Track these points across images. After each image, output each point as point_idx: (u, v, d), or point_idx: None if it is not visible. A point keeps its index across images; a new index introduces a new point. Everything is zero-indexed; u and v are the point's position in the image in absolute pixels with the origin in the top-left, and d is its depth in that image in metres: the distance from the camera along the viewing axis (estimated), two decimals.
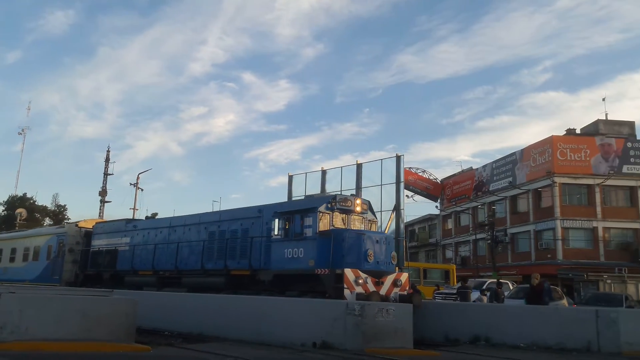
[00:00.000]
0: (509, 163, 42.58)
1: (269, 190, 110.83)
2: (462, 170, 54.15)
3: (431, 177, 55.09)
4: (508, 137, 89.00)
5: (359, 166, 17.80)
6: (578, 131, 41.50)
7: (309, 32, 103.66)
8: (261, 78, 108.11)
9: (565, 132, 41.16)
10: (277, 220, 15.55)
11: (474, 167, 51.74)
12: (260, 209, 17.25)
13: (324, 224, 14.70)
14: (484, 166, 47.78)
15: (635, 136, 40.03)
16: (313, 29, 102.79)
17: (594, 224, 35.25)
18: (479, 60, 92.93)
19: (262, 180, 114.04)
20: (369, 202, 16.34)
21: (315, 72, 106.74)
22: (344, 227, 15.05)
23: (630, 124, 41.78)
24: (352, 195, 15.70)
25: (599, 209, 36.51)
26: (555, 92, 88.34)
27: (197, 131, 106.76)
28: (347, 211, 15.31)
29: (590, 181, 36.67)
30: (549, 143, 37.75)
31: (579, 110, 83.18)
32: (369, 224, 16.03)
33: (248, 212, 17.75)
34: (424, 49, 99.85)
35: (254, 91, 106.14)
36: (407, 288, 15.18)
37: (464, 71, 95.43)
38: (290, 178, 20.27)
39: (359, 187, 17.28)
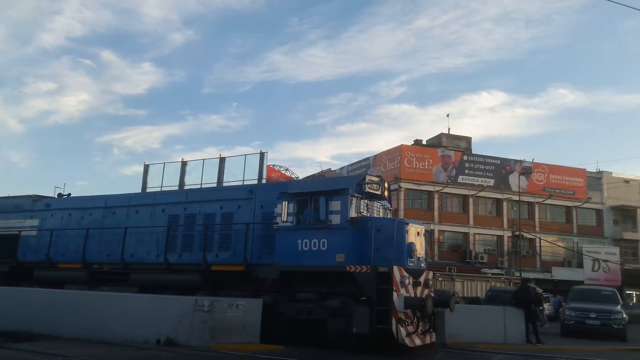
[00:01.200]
0: (363, 167, 44.06)
1: (122, 179, 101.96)
2: (322, 171, 54.21)
3: (293, 176, 53.53)
4: (365, 143, 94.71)
5: (222, 160, 15.79)
6: (424, 142, 44.84)
7: (178, 17, 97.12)
8: (123, 58, 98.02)
9: (413, 142, 44.12)
10: (286, 203, 12.27)
11: (332, 169, 52.51)
12: (251, 189, 13.76)
13: (352, 211, 11.81)
14: (341, 168, 49.14)
15: (471, 150, 43.95)
16: (183, 14, 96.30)
17: (432, 226, 37.88)
18: (344, 67, 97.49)
19: (114, 168, 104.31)
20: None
21: (183, 59, 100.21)
22: (367, 215, 12.31)
23: (468, 139, 45.95)
24: (379, 177, 12.95)
25: (436, 213, 39.60)
26: (407, 105, 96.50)
27: (42, 108, 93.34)
28: (373, 196, 12.58)
29: (430, 188, 39.74)
30: (399, 151, 40.07)
31: (427, 124, 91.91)
32: (388, 214, 13.46)
33: (232, 192, 14.15)
34: (295, 50, 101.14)
35: (114, 71, 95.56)
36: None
37: (330, 76, 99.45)
38: (146, 167, 17.02)
39: (220, 181, 15.35)
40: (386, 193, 12.88)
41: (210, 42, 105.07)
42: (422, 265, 12.12)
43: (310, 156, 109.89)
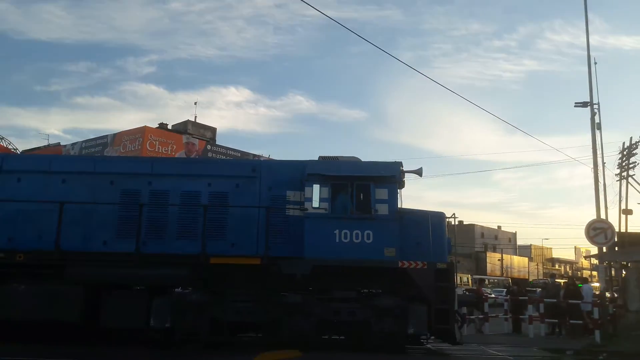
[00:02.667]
0: (100, 145, 40.85)
1: None
2: (49, 145, 47.98)
3: (11, 147, 46.59)
4: (106, 120, 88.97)
5: None
6: (170, 127, 44.48)
7: None
8: None
9: (158, 126, 43.16)
10: (318, 186, 10.52)
11: (62, 144, 47.13)
12: (254, 167, 11.37)
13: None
14: (74, 144, 44.37)
15: (215, 140, 45.46)
16: None
17: None
18: (87, 34, 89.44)
19: None
20: None
21: None
22: None
23: (213, 130, 47.38)
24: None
25: None
26: (156, 87, 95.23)
27: None
28: (401, 185, 11.73)
29: None
30: (141, 133, 38.50)
31: (175, 109, 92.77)
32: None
33: (226, 167, 11.61)
34: (28, 1, 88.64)
35: None
36: None
37: (69, 40, 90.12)
38: None
39: None
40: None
41: None
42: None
43: (36, 126, 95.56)
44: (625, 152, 24.12)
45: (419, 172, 11.34)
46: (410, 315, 10.15)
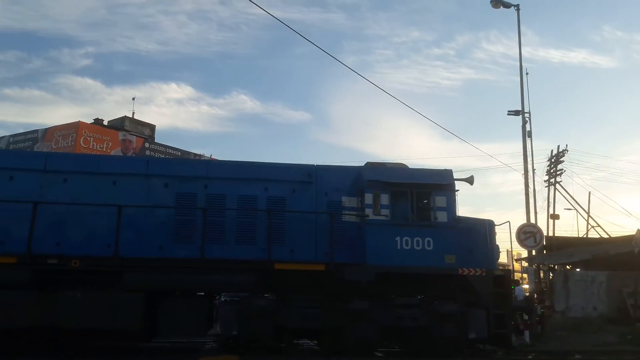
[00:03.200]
0: (30, 140, 39.41)
1: None
2: None
3: None
4: (37, 113, 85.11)
5: None
6: (106, 123, 42.64)
7: None
8: None
9: (93, 121, 41.43)
10: (378, 193, 10.64)
11: None
12: (309, 172, 11.30)
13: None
14: (1, 138, 42.19)
15: (154, 138, 43.69)
16: None
17: None
18: (16, 21, 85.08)
19: None
20: None
21: None
22: None
23: (152, 127, 45.44)
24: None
25: None
26: (92, 80, 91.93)
27: None
28: None
29: None
30: (75, 128, 37.05)
31: (111, 104, 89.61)
32: None
33: (283, 172, 11.31)
34: None
35: None
36: None
37: None
38: None
39: None
40: None
41: None
42: None
43: None
44: (553, 160, 25.78)
45: (470, 180, 11.62)
46: (470, 320, 10.47)
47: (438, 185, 10.91)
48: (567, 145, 26.19)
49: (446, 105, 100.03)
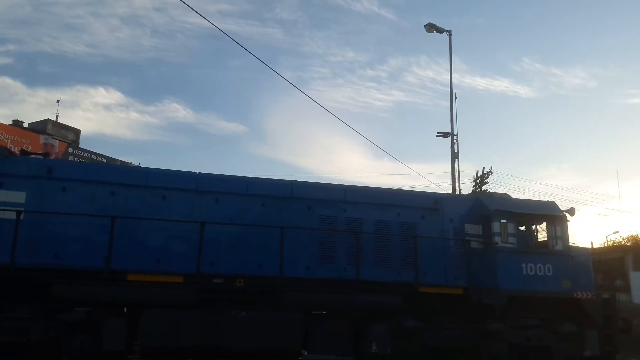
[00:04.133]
0: None
1: None
2: None
3: None
4: None
5: None
6: (26, 125, 42.07)
7: None
8: None
9: (11, 122, 40.93)
10: (505, 222, 11.58)
11: None
12: (436, 200, 12.06)
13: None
14: None
15: (78, 143, 43.26)
16: None
17: None
18: None
19: None
20: None
21: None
22: None
23: (77, 132, 44.89)
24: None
25: None
26: (12, 80, 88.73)
27: None
28: None
29: None
30: None
31: (34, 106, 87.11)
32: None
33: (413, 199, 11.97)
34: None
35: None
36: None
37: None
38: None
39: None
40: None
41: None
42: None
43: None
44: (478, 180, 26.77)
45: (571, 212, 12.82)
46: (586, 339, 11.58)
47: (555, 216, 12.00)
48: (491, 168, 27.32)
49: (378, 126, 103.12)
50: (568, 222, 12.15)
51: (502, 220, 11.57)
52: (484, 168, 26.90)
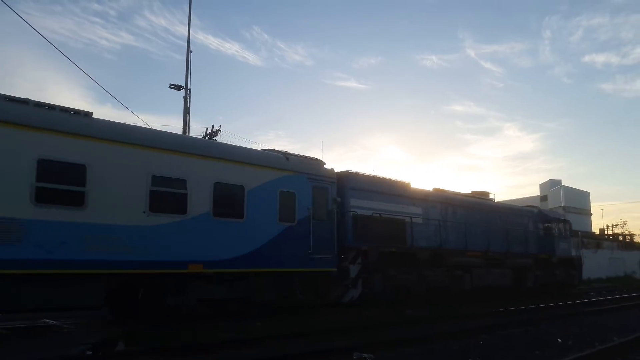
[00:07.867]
0: None
1: None
2: None
3: None
4: None
5: None
6: None
7: None
8: None
9: None
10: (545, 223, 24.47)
11: None
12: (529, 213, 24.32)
13: None
14: None
15: None
16: None
17: None
18: None
19: None
20: None
21: None
22: None
23: None
24: None
25: None
26: None
27: None
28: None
29: None
30: None
31: None
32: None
33: (522, 211, 23.94)
34: None
35: None
36: None
37: None
38: None
39: None
40: None
41: None
42: None
43: None
44: (208, 137, 25.44)
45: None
46: None
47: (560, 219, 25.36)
48: (220, 126, 28.15)
49: (104, 68, 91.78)
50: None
51: (546, 223, 24.46)
52: (213, 126, 27.15)
